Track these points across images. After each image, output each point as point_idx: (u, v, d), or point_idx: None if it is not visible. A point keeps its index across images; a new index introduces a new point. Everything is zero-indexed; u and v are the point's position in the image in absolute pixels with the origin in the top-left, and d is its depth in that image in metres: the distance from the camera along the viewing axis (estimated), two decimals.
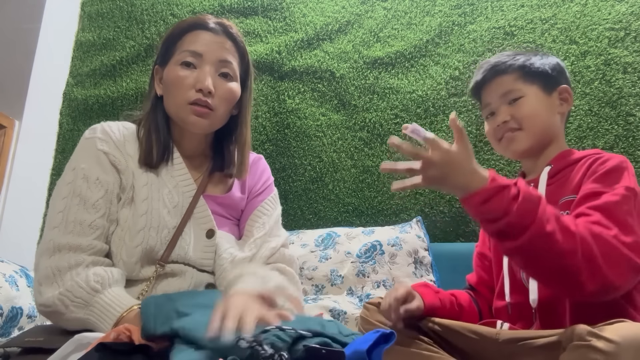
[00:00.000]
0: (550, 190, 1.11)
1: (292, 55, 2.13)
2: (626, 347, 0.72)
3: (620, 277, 0.87)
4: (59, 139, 2.32)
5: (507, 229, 0.87)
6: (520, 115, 1.15)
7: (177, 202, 1.06)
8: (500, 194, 0.86)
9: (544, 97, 1.17)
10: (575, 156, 1.13)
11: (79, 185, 1.00)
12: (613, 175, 1.01)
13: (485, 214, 0.89)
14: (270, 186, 1.25)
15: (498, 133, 1.18)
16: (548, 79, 1.18)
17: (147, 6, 2.40)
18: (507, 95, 1.17)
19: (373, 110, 1.98)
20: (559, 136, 1.20)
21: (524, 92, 1.16)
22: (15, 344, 0.88)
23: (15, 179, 2.14)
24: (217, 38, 1.07)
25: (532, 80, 1.17)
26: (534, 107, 1.16)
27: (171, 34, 1.11)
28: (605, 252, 0.87)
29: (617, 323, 0.77)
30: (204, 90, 1.02)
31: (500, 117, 1.18)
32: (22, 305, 1.42)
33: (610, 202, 0.95)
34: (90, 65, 2.38)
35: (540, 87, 1.17)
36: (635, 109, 1.68)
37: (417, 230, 1.68)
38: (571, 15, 1.84)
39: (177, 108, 1.05)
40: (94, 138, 1.06)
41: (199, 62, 1.05)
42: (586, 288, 0.86)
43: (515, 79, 1.18)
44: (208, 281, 1.07)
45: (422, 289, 1.11)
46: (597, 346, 0.73)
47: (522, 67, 1.18)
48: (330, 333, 0.69)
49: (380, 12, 2.09)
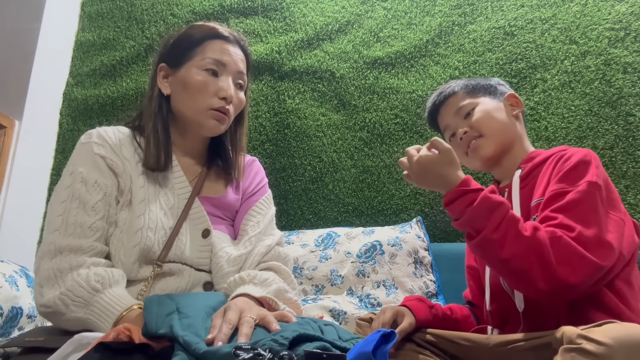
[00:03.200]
0: (523, 193, 1.13)
1: (292, 55, 2.14)
2: (617, 349, 0.72)
3: (576, 276, 0.90)
4: (59, 139, 2.32)
5: (466, 229, 0.97)
6: (477, 123, 1.21)
7: (173, 204, 1.08)
8: (461, 198, 0.96)
9: (494, 103, 1.24)
10: (542, 156, 1.15)
11: (78, 188, 1.01)
12: (576, 171, 1.03)
13: (450, 214, 0.99)
14: (265, 187, 1.27)
15: (462, 146, 1.23)
16: (492, 90, 1.27)
17: (147, 6, 2.40)
18: (460, 111, 1.25)
19: (373, 110, 1.98)
20: (522, 138, 1.24)
21: (474, 104, 1.24)
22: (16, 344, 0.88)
23: (15, 179, 2.14)
24: (236, 50, 1.13)
25: (478, 93, 1.25)
26: (487, 112, 1.22)
27: (186, 37, 1.12)
28: (561, 254, 0.90)
29: (605, 324, 0.78)
30: (228, 98, 1.08)
31: (459, 130, 1.23)
32: (22, 305, 1.42)
33: (573, 201, 0.98)
34: (90, 65, 2.38)
35: (487, 97, 1.25)
36: (635, 109, 1.68)
37: (417, 230, 1.68)
38: (571, 15, 1.84)
39: (197, 111, 1.09)
40: (90, 143, 1.07)
41: (222, 71, 1.09)
42: (540, 288, 0.90)
43: (463, 95, 1.26)
44: (205, 280, 1.09)
45: (415, 303, 1.13)
46: (588, 349, 0.73)
47: (466, 86, 1.27)
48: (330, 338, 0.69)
49: (380, 12, 2.10)
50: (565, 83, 1.78)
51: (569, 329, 0.78)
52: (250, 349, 0.62)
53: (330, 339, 0.70)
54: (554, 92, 1.78)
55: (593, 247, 0.92)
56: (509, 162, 1.21)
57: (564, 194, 0.99)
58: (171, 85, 1.12)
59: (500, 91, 1.27)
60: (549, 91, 1.79)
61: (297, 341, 0.66)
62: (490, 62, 1.89)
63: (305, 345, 0.65)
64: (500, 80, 1.32)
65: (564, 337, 0.78)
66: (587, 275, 0.91)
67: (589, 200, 0.97)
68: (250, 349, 0.62)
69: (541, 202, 1.04)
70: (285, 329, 0.68)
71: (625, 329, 0.76)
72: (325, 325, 0.79)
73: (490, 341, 0.99)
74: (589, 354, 0.73)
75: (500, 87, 1.29)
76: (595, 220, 0.95)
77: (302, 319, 0.82)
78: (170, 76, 1.12)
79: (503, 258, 0.92)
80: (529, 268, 0.90)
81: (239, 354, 0.61)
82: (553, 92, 1.78)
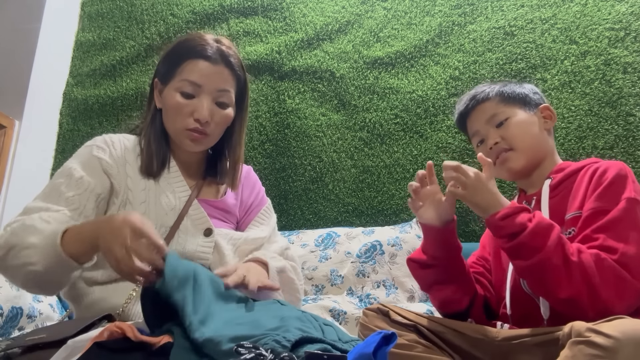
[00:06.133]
0: (553, 203, 1.12)
1: (292, 55, 2.13)
2: (626, 342, 0.73)
3: (621, 301, 0.92)
4: (59, 139, 2.31)
5: (520, 247, 0.96)
6: (509, 136, 1.19)
7: (174, 205, 1.11)
8: (519, 214, 0.97)
9: (528, 116, 1.22)
10: (573, 167, 1.15)
11: (59, 182, 1.05)
12: (614, 187, 1.03)
13: (504, 229, 0.98)
14: (264, 197, 1.30)
15: (491, 156, 1.20)
16: (527, 100, 1.23)
17: (147, 6, 2.40)
18: (493, 119, 1.22)
19: (373, 110, 1.98)
20: (552, 152, 1.22)
21: (508, 114, 1.20)
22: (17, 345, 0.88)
23: (15, 179, 2.14)
24: (216, 68, 1.10)
25: (513, 103, 1.22)
26: (521, 126, 1.19)
27: (172, 54, 1.15)
28: (607, 279, 0.92)
29: (615, 320, 0.78)
30: (202, 120, 1.08)
31: (490, 140, 1.21)
32: (22, 305, 1.42)
33: (613, 220, 0.98)
34: (90, 65, 2.38)
35: (522, 108, 1.22)
36: (635, 109, 1.68)
37: (417, 230, 1.68)
38: (571, 15, 1.84)
39: (175, 131, 1.12)
40: (92, 145, 1.12)
41: (198, 91, 1.09)
42: (587, 315, 0.90)
43: (497, 103, 1.22)
44: None
45: None
46: (596, 341, 0.74)
47: (501, 92, 1.23)
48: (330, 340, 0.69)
49: (380, 12, 2.09)
50: (565, 83, 1.78)
51: (578, 324, 0.79)
52: (252, 347, 0.62)
53: (331, 339, 0.69)
54: (554, 92, 1.78)
55: (636, 268, 0.94)
56: (537, 174, 1.20)
57: (604, 212, 1.00)
58: (162, 103, 1.15)
59: (535, 101, 1.24)
60: (549, 91, 1.79)
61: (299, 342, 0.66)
62: (490, 62, 1.88)
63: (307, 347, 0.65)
64: (534, 87, 1.28)
65: (573, 331, 0.78)
66: (631, 299, 0.93)
67: (629, 218, 0.98)
68: (252, 347, 0.62)
69: (577, 216, 1.04)
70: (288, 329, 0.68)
71: (634, 323, 0.77)
72: (325, 325, 0.79)
73: (500, 335, 0.99)
74: (597, 346, 0.73)
75: (534, 96, 1.25)
76: (637, 238, 0.96)
77: (304, 314, 0.81)
78: (161, 92, 1.15)
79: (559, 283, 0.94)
80: (579, 294, 0.92)
81: (240, 351, 0.61)
82: (553, 92, 1.78)
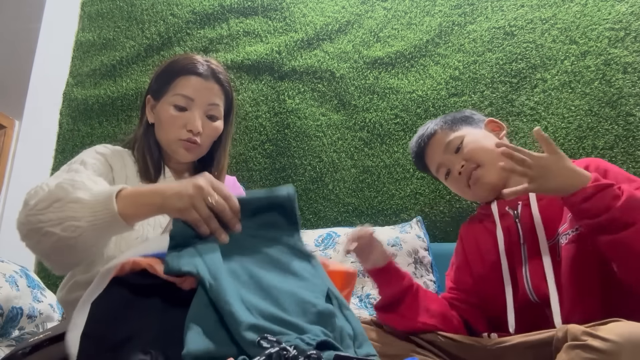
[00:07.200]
0: (542, 205, 1.11)
1: (292, 55, 2.13)
2: (623, 345, 0.72)
3: None
4: (59, 139, 2.31)
5: (608, 224, 0.91)
6: (471, 154, 1.19)
7: None
8: (603, 192, 0.91)
9: (479, 131, 1.24)
10: None
11: (74, 167, 1.08)
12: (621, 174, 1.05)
13: (585, 212, 0.93)
14: None
15: (463, 180, 1.20)
16: (471, 120, 1.26)
17: (147, 6, 2.40)
18: (449, 146, 1.23)
19: (373, 110, 1.98)
20: None
21: (460, 137, 1.22)
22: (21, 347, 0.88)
23: (15, 179, 2.14)
24: (207, 83, 1.18)
25: (459, 126, 1.25)
26: (478, 141, 1.21)
27: (165, 72, 1.22)
28: None
29: (611, 322, 0.78)
30: (194, 131, 1.16)
31: (456, 166, 1.21)
32: (22, 306, 1.42)
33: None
34: (90, 65, 2.38)
35: (469, 127, 1.24)
36: (635, 109, 1.68)
37: (417, 230, 1.68)
38: (571, 15, 1.84)
39: (169, 142, 1.18)
40: (94, 147, 1.18)
41: (190, 105, 1.17)
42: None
43: (446, 132, 1.25)
44: None
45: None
46: (594, 345, 0.73)
47: (445, 121, 1.26)
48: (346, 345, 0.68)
49: (380, 12, 2.09)
50: (565, 83, 1.78)
51: (574, 327, 0.78)
52: (275, 341, 0.61)
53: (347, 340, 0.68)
54: (554, 92, 1.78)
55: None
56: (515, 181, 1.14)
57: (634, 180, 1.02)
58: (155, 116, 1.22)
59: (478, 119, 1.28)
60: (549, 91, 1.79)
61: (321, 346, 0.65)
62: (490, 62, 1.89)
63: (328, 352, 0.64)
64: (472, 110, 1.32)
65: (569, 335, 0.77)
66: None
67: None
68: (276, 341, 0.61)
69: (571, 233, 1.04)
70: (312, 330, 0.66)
71: (631, 326, 0.76)
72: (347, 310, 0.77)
73: (492, 341, 1.01)
74: (595, 350, 0.73)
75: (475, 116, 1.29)
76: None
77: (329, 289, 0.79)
78: (154, 108, 1.22)
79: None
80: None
81: (263, 344, 0.60)
82: (553, 92, 1.78)
